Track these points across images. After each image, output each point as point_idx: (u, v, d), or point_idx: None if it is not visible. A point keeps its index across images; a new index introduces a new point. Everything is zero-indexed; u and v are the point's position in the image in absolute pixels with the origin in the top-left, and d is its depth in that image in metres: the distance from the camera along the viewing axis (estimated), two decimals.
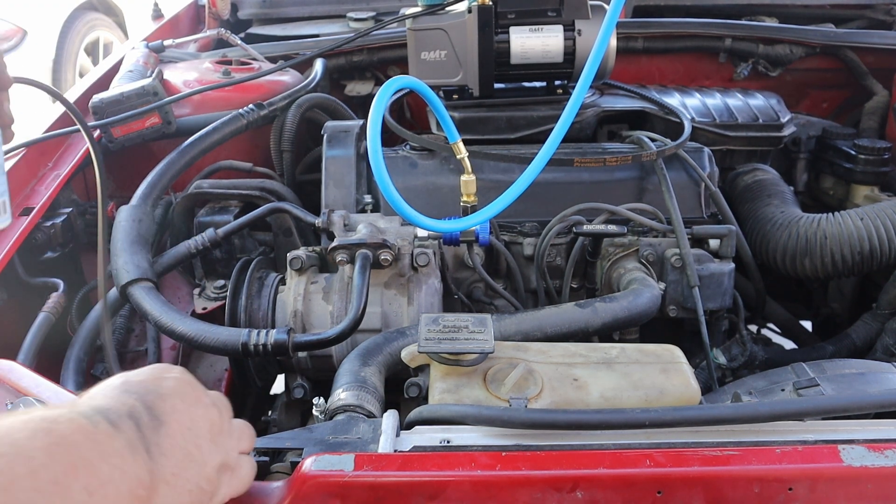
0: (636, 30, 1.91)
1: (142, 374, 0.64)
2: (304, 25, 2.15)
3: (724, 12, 2.09)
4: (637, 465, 0.71)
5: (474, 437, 0.78)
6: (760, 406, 0.77)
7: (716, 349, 1.38)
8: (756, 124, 1.58)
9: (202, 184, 1.44)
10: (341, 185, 1.38)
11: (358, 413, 0.88)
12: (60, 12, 4.52)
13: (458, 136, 1.14)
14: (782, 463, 0.71)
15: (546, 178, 1.27)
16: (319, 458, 0.72)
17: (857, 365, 1.03)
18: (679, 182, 1.37)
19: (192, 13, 2.27)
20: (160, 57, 1.82)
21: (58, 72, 4.44)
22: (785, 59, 1.90)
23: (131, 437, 0.56)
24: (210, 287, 1.41)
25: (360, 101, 1.90)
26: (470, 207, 1.19)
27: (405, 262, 1.18)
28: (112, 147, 1.45)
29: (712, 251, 1.32)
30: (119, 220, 1.21)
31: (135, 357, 1.30)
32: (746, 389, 1.04)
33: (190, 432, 0.63)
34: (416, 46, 1.34)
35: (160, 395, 0.62)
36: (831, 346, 1.52)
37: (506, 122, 1.40)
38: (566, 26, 1.33)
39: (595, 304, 1.14)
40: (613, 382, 0.91)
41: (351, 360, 1.00)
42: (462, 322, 0.93)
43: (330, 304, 1.17)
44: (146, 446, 0.57)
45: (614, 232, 1.25)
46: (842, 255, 1.41)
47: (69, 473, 0.50)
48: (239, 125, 1.45)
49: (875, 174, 1.65)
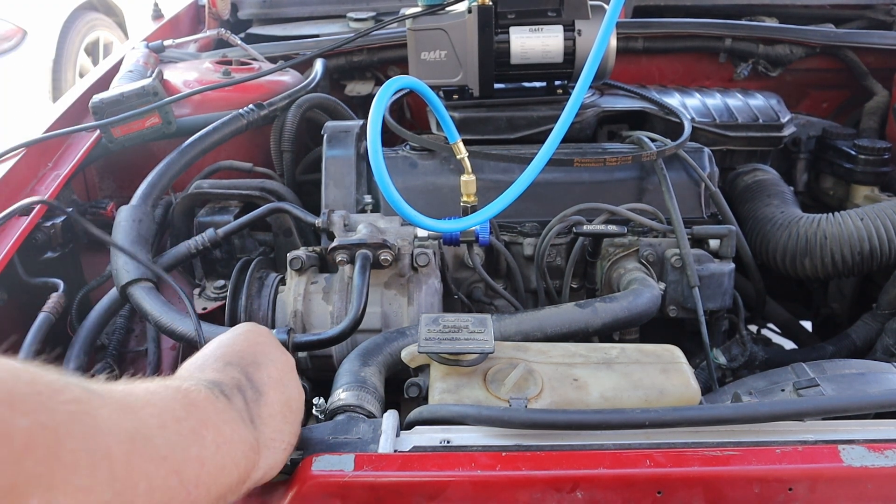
0: (636, 30, 1.91)
1: (237, 343, 0.75)
2: (304, 25, 2.15)
3: (724, 12, 2.09)
4: (637, 465, 0.71)
5: (474, 437, 0.78)
6: (760, 406, 0.77)
7: (716, 349, 1.38)
8: (756, 124, 1.58)
9: (202, 184, 1.44)
10: (341, 185, 1.38)
11: (358, 413, 0.88)
12: (60, 12, 4.52)
13: (458, 137, 1.14)
14: (782, 463, 0.71)
15: (546, 178, 1.27)
16: (319, 458, 0.72)
17: (857, 365, 1.03)
18: (679, 182, 1.37)
19: (192, 13, 2.27)
20: (160, 57, 1.82)
21: (58, 72, 4.44)
22: (785, 60, 1.90)
23: (241, 408, 0.67)
24: (210, 287, 1.41)
25: (360, 101, 1.90)
26: (470, 207, 1.19)
27: (405, 263, 1.18)
28: (112, 147, 1.45)
29: (712, 251, 1.32)
30: (119, 220, 1.21)
31: (135, 357, 1.30)
32: (746, 389, 1.04)
33: (284, 395, 0.73)
34: (416, 46, 1.34)
35: (258, 364, 0.73)
36: (831, 346, 1.52)
37: (506, 122, 1.40)
38: (566, 26, 1.33)
39: (595, 304, 1.14)
40: (613, 382, 0.91)
41: (351, 360, 1.00)
42: (462, 322, 0.93)
43: (330, 305, 1.17)
44: (251, 417, 0.68)
45: (614, 232, 1.25)
46: (842, 255, 1.41)
47: (203, 428, 0.60)
48: (239, 125, 1.45)
49: (875, 174, 1.65)
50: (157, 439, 0.54)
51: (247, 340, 0.76)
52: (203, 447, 0.59)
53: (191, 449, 0.58)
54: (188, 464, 0.57)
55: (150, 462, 0.53)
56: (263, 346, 0.77)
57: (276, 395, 0.72)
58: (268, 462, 0.69)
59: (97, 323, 1.22)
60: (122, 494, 0.50)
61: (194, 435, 0.59)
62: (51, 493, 0.45)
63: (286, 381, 0.76)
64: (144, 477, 0.52)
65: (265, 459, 0.68)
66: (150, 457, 0.53)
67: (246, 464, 0.64)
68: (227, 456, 0.61)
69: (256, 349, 0.75)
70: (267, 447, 0.69)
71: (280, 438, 0.71)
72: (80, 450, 0.48)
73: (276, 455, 0.70)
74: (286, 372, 0.77)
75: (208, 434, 0.60)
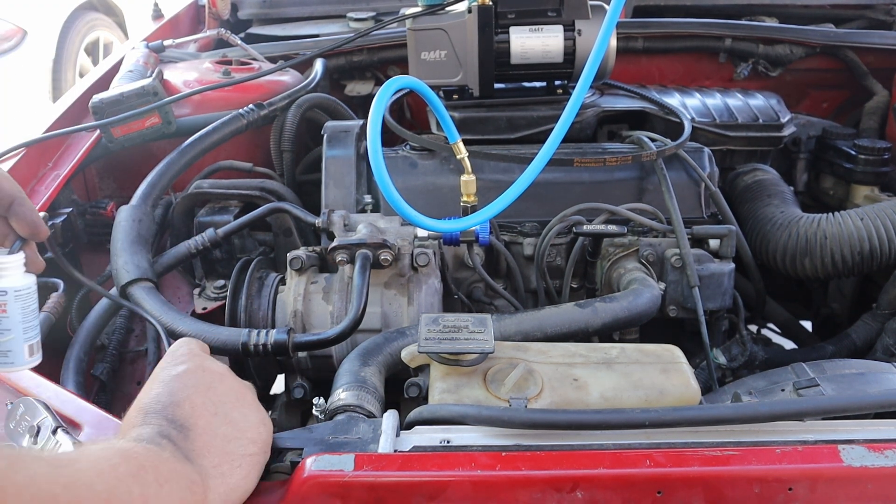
0: (636, 30, 1.91)
1: (154, 388, 0.72)
2: (304, 25, 2.15)
3: (724, 12, 2.09)
4: (637, 465, 0.71)
5: (474, 437, 0.78)
6: (760, 406, 0.77)
7: (716, 349, 1.38)
8: (756, 124, 1.58)
9: (202, 184, 1.44)
10: (341, 185, 1.38)
11: (358, 413, 0.88)
12: (60, 12, 4.52)
13: (458, 136, 1.14)
14: (782, 463, 0.71)
15: (546, 178, 1.27)
16: (319, 458, 0.72)
17: (857, 365, 1.03)
18: (679, 182, 1.37)
19: (192, 13, 2.27)
20: (160, 57, 1.82)
21: (58, 72, 4.44)
22: (785, 59, 1.90)
23: (172, 450, 0.65)
24: (210, 287, 1.41)
25: (360, 101, 1.90)
26: (470, 207, 1.19)
27: (405, 262, 1.18)
28: (112, 147, 1.45)
29: (712, 251, 1.32)
30: (119, 220, 1.21)
31: (135, 357, 1.30)
32: (746, 389, 1.04)
33: (217, 417, 0.71)
34: (416, 46, 1.34)
35: (176, 403, 0.70)
36: (831, 346, 1.52)
37: (506, 122, 1.40)
38: (566, 26, 1.33)
39: (595, 304, 1.14)
40: (613, 382, 0.91)
41: (351, 360, 1.00)
42: (462, 322, 0.93)
43: (330, 304, 1.17)
44: (185, 455, 0.66)
45: (614, 232, 1.25)
46: (842, 255, 1.41)
47: (141, 470, 0.59)
48: (239, 125, 1.45)
49: (875, 174, 1.65)
50: (97, 485, 0.54)
51: (162, 382, 0.73)
52: (145, 486, 0.58)
53: (133, 489, 0.57)
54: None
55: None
56: (182, 377, 0.73)
57: (205, 421, 0.70)
58: (221, 490, 0.67)
59: (97, 323, 1.21)
60: None
61: (134, 477, 0.58)
62: None
63: (216, 402, 0.73)
64: None
65: (215, 489, 0.67)
66: (94, 501, 0.53)
67: (193, 498, 0.63)
68: (172, 492, 0.61)
69: (174, 387, 0.72)
70: (212, 476, 0.67)
71: (227, 461, 0.69)
72: (27, 495, 0.48)
73: (229, 478, 0.69)
74: (213, 393, 0.74)
75: (148, 475, 0.59)
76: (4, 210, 0.88)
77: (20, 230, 0.89)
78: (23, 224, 0.88)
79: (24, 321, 0.84)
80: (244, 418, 0.74)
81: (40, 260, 0.95)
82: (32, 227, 0.89)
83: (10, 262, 0.85)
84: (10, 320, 0.83)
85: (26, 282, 0.85)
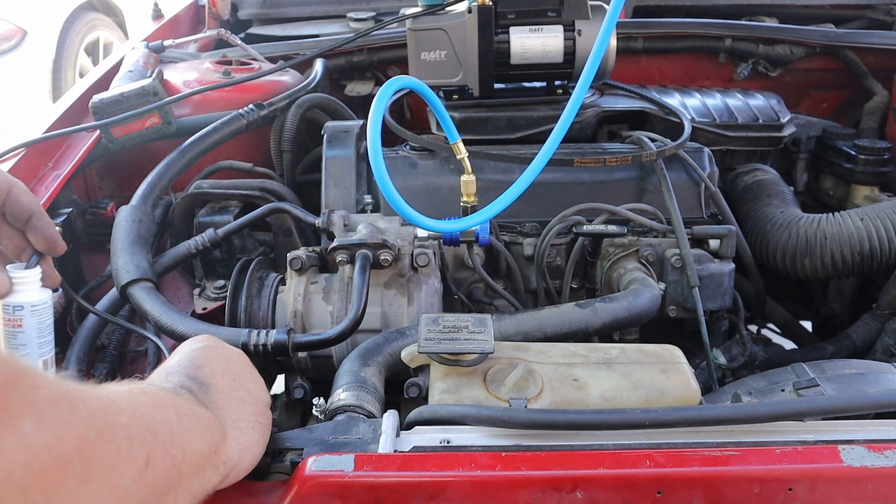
0: (636, 30, 1.91)
1: (175, 357, 0.75)
2: (304, 25, 2.15)
3: (724, 12, 2.09)
4: (637, 466, 0.71)
5: (474, 438, 0.78)
6: (760, 406, 0.77)
7: (716, 349, 1.38)
8: (756, 124, 1.58)
9: (202, 184, 1.44)
10: (341, 185, 1.38)
11: (358, 413, 0.88)
12: (60, 12, 4.52)
13: (458, 137, 1.14)
14: (782, 463, 0.71)
15: (546, 178, 1.27)
16: (319, 458, 0.72)
17: (857, 365, 1.03)
18: (679, 182, 1.37)
19: (192, 13, 2.27)
20: (160, 57, 1.82)
21: (58, 72, 4.44)
22: (785, 60, 1.90)
23: (192, 398, 0.68)
24: (210, 287, 1.41)
25: (360, 101, 1.90)
26: (470, 207, 1.19)
27: (405, 263, 1.18)
28: (112, 147, 1.45)
29: (712, 251, 1.32)
30: (119, 220, 1.21)
31: (135, 357, 1.30)
32: (746, 389, 1.04)
33: (235, 382, 0.75)
34: (416, 46, 1.34)
35: (198, 365, 0.73)
36: (831, 346, 1.52)
37: (506, 122, 1.40)
38: (566, 26, 1.33)
39: (595, 304, 1.14)
40: (613, 382, 0.91)
41: (351, 361, 1.00)
42: (462, 322, 0.93)
43: (330, 305, 1.17)
44: (205, 404, 0.68)
45: (614, 232, 1.25)
46: (842, 255, 1.41)
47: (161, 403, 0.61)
48: (239, 125, 1.45)
49: (875, 174, 1.65)
50: (121, 403, 0.56)
51: (183, 353, 0.76)
52: (167, 414, 0.60)
53: (156, 414, 0.59)
54: (157, 424, 0.57)
55: (122, 415, 0.54)
56: (203, 350, 0.77)
57: (224, 383, 0.73)
58: (239, 441, 0.69)
59: (97, 323, 1.22)
60: (102, 434, 0.51)
61: (155, 406, 0.60)
62: (39, 418, 0.46)
63: (234, 371, 0.76)
64: (120, 427, 0.53)
65: (234, 438, 0.69)
66: (118, 412, 0.54)
67: (212, 435, 0.65)
68: (192, 424, 0.62)
69: (195, 355, 0.75)
70: (231, 426, 0.69)
71: (244, 418, 0.72)
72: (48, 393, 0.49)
73: (245, 434, 0.71)
74: (232, 364, 0.77)
75: (168, 407, 0.61)
76: (22, 224, 0.89)
77: (38, 244, 0.89)
78: (40, 238, 0.88)
79: (39, 336, 0.84)
80: (259, 391, 0.78)
81: (56, 275, 0.95)
82: (50, 241, 0.89)
83: (27, 276, 0.85)
84: (25, 335, 0.83)
85: (42, 297, 0.85)
